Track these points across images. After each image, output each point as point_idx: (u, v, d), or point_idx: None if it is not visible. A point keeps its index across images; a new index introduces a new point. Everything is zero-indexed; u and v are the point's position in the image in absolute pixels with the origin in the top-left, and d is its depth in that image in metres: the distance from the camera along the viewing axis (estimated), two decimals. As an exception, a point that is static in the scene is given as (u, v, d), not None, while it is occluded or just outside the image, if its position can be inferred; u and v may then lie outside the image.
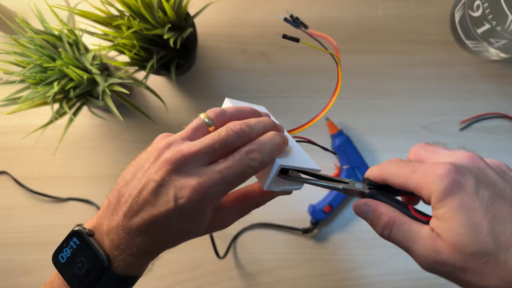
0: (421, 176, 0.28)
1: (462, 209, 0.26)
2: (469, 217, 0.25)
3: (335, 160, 0.60)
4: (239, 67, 0.62)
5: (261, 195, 0.35)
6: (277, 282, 0.58)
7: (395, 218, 0.29)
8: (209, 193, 0.28)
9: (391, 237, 0.29)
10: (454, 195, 0.26)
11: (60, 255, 0.31)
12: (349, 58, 0.61)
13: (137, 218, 0.29)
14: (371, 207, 0.31)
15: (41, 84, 0.47)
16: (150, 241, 0.30)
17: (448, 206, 0.26)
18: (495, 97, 0.60)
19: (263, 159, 0.30)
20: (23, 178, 0.62)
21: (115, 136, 0.62)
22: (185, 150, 0.29)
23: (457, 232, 0.25)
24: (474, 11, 0.53)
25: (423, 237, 0.27)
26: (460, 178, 0.26)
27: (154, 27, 0.49)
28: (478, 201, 0.26)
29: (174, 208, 0.28)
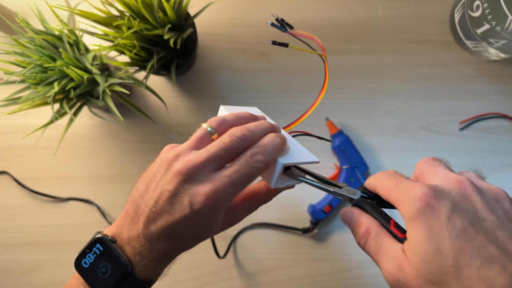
0: (400, 192, 0.28)
1: (431, 235, 0.25)
2: (435, 244, 0.25)
3: (335, 160, 0.61)
4: (239, 67, 0.62)
5: (268, 193, 0.38)
6: (277, 282, 0.58)
7: (372, 229, 0.30)
8: (221, 197, 0.30)
9: (365, 247, 0.30)
10: (424, 220, 0.26)
11: (83, 260, 0.33)
12: (349, 58, 0.62)
13: (156, 226, 0.31)
14: (354, 215, 0.32)
15: (42, 84, 0.47)
16: (170, 246, 0.32)
17: (417, 229, 0.26)
18: (495, 97, 0.60)
19: (267, 160, 0.32)
20: (23, 178, 0.62)
21: (115, 136, 0.62)
22: (194, 160, 0.31)
23: (422, 258, 0.25)
24: (473, 11, 0.53)
25: (392, 255, 0.27)
26: (434, 203, 0.26)
27: (154, 27, 0.49)
28: (448, 230, 0.25)
29: (190, 214, 0.30)
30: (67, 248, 0.60)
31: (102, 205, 0.61)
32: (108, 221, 0.60)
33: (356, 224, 0.31)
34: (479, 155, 0.60)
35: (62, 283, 0.62)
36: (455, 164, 0.63)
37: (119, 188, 0.61)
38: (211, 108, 0.62)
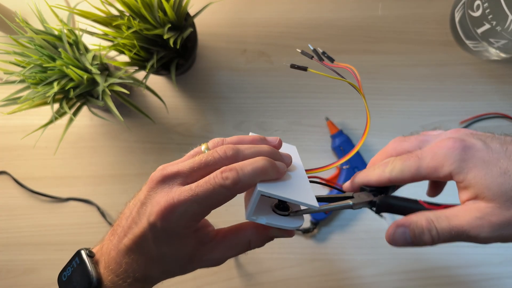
0: (430, 158, 0.28)
1: (487, 164, 0.26)
2: (497, 167, 0.26)
3: (335, 160, 0.60)
4: (239, 67, 0.62)
5: (253, 230, 0.33)
6: (277, 282, 0.58)
7: (429, 216, 0.28)
8: (177, 211, 0.28)
9: (440, 234, 0.27)
10: (472, 158, 0.27)
11: (63, 274, 0.33)
12: (349, 58, 0.62)
13: (126, 239, 0.30)
14: (404, 224, 0.29)
15: (41, 84, 0.47)
16: (135, 264, 0.30)
17: (473, 169, 0.26)
18: (495, 97, 0.60)
19: (239, 179, 0.28)
20: (23, 178, 0.62)
21: (115, 136, 0.62)
22: (166, 170, 0.30)
23: (497, 184, 0.26)
24: (474, 11, 0.53)
25: (464, 212, 0.27)
26: (466, 143, 0.27)
27: (154, 27, 0.49)
28: (495, 153, 0.26)
29: (147, 226, 0.29)
30: (67, 248, 0.60)
31: (102, 205, 0.61)
32: (108, 221, 0.60)
33: (413, 228, 0.28)
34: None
35: (62, 283, 0.61)
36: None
37: (119, 188, 0.61)
38: (211, 108, 0.62)
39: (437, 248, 0.28)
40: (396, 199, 0.31)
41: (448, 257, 0.57)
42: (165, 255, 0.30)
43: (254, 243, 0.33)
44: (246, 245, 0.33)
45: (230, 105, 0.62)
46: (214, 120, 0.61)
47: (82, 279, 0.31)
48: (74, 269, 0.32)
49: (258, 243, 0.33)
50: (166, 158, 0.61)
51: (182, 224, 0.29)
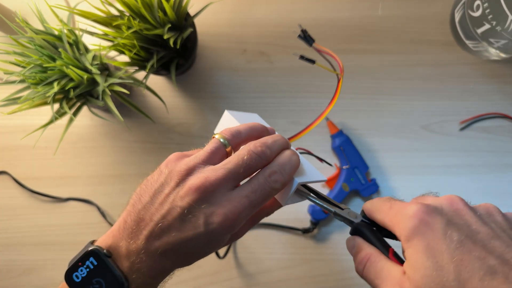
0: (394, 213, 0.28)
1: (428, 251, 0.25)
2: (435, 260, 0.24)
3: (335, 160, 0.60)
4: (239, 67, 0.62)
5: (271, 206, 0.37)
6: (277, 282, 0.58)
7: (371, 255, 0.29)
8: (239, 218, 0.29)
9: (364, 273, 0.29)
10: (420, 236, 0.25)
11: (74, 274, 0.31)
12: (349, 58, 0.61)
13: (160, 242, 0.29)
14: (356, 242, 0.31)
15: (41, 84, 0.47)
16: (171, 263, 0.30)
17: (414, 247, 0.25)
18: (495, 97, 0.60)
19: (285, 180, 0.31)
20: (23, 178, 0.62)
21: (115, 136, 0.62)
22: (212, 177, 0.29)
23: (423, 274, 0.24)
24: (474, 11, 0.53)
25: (393, 277, 0.27)
26: (428, 219, 0.26)
27: (154, 27, 0.49)
28: (445, 244, 0.25)
29: (203, 233, 0.29)
30: (67, 248, 0.60)
31: (102, 205, 0.61)
32: (108, 221, 0.60)
33: (356, 251, 0.30)
34: (479, 155, 0.60)
35: (62, 283, 0.61)
36: (455, 164, 0.64)
37: (119, 188, 0.61)
38: (211, 108, 0.62)
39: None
40: (373, 234, 0.31)
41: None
42: (210, 250, 0.31)
43: (270, 213, 0.38)
44: (264, 216, 0.37)
45: (230, 105, 0.62)
46: (214, 120, 0.61)
47: (107, 281, 0.30)
48: (91, 270, 0.30)
49: (273, 212, 0.38)
50: (166, 158, 0.61)
51: (239, 227, 0.30)
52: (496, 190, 0.59)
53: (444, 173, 0.60)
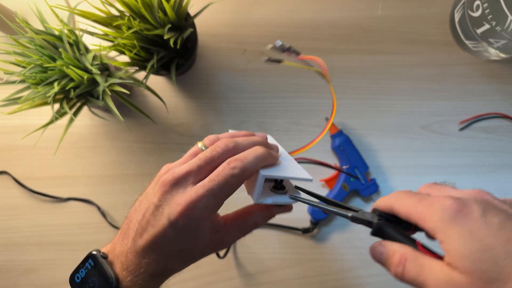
0: (426, 206, 0.27)
1: (473, 235, 0.24)
2: (481, 242, 0.24)
3: (335, 160, 0.60)
4: (239, 67, 0.62)
5: (259, 212, 0.37)
6: (277, 282, 0.58)
7: (407, 254, 0.28)
8: (197, 207, 0.30)
9: (405, 275, 0.27)
10: (460, 225, 0.25)
11: (76, 275, 0.33)
12: (349, 58, 0.62)
13: (142, 240, 0.31)
14: (386, 247, 0.29)
15: (42, 84, 0.47)
16: (155, 263, 0.32)
17: (456, 235, 0.25)
18: (495, 97, 0.60)
19: (245, 166, 0.31)
20: (23, 178, 0.62)
21: (115, 136, 0.62)
22: (176, 172, 0.32)
23: (473, 259, 0.24)
24: (473, 11, 0.53)
25: (438, 271, 0.26)
26: (465, 209, 0.26)
27: (154, 27, 0.49)
28: (487, 228, 0.24)
29: (168, 225, 0.31)
30: (67, 248, 0.60)
31: (102, 205, 0.61)
32: (108, 221, 0.60)
33: (389, 255, 0.29)
34: (479, 155, 0.60)
35: (62, 283, 0.62)
36: (455, 164, 0.64)
37: (119, 188, 0.61)
38: (211, 108, 0.62)
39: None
40: (397, 230, 0.30)
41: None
42: (185, 249, 0.32)
43: (260, 222, 0.37)
44: (253, 225, 0.37)
45: (230, 105, 0.62)
46: (214, 120, 0.61)
47: (99, 280, 0.32)
48: (88, 271, 0.33)
49: (263, 222, 0.37)
50: (166, 158, 0.61)
51: (202, 218, 0.31)
52: (496, 190, 0.59)
53: (443, 173, 0.60)
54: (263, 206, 0.37)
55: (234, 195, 0.33)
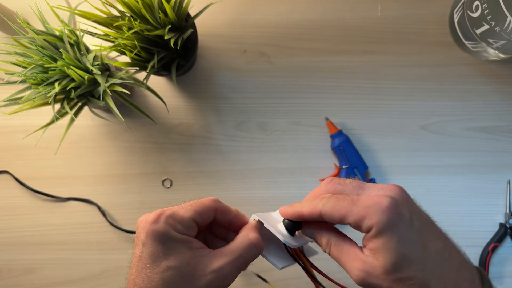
0: (363, 207, 0.30)
1: (401, 240, 0.29)
2: (406, 247, 0.29)
3: (334, 160, 0.61)
4: (239, 67, 0.62)
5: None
6: (277, 281, 0.58)
7: (331, 238, 0.34)
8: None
9: (331, 255, 0.34)
10: (395, 227, 0.29)
11: None
12: (349, 58, 0.62)
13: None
14: (314, 228, 0.35)
15: (42, 84, 0.47)
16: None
17: (389, 236, 0.29)
18: (494, 97, 0.60)
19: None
20: (24, 178, 0.62)
21: (116, 136, 0.62)
22: None
23: (394, 259, 0.29)
24: (473, 12, 0.53)
25: (358, 258, 0.31)
26: (399, 211, 0.29)
27: (154, 27, 0.50)
28: (413, 232, 0.30)
29: (140, 249, 0.34)
30: (68, 247, 0.61)
31: (103, 205, 0.61)
32: (108, 220, 0.60)
33: (317, 237, 0.34)
34: (478, 155, 0.60)
35: (63, 283, 0.62)
36: (454, 164, 0.64)
37: (120, 188, 0.61)
38: (211, 108, 0.62)
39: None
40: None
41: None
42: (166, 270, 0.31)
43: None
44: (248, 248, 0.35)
45: (231, 105, 0.62)
46: (215, 120, 0.62)
47: None
48: None
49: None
50: (166, 158, 0.61)
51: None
52: (495, 190, 0.60)
53: (443, 173, 0.60)
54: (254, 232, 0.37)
55: (235, 195, 0.33)
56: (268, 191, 0.60)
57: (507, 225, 0.58)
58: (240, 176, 0.61)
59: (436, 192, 0.60)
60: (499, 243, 0.58)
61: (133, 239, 0.61)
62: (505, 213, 0.59)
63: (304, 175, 0.61)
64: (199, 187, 0.61)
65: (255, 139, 0.61)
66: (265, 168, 0.61)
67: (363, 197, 0.31)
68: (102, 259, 0.60)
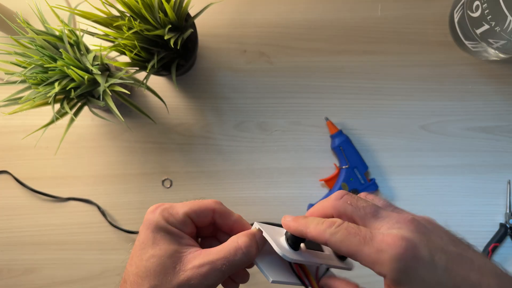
0: (375, 251, 0.27)
1: (426, 285, 0.26)
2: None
3: (334, 160, 0.61)
4: (239, 67, 0.62)
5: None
6: (277, 281, 0.58)
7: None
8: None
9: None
10: (414, 274, 0.26)
11: None
12: (349, 59, 0.62)
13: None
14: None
15: (42, 84, 0.47)
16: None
17: (409, 286, 0.26)
18: (494, 97, 0.60)
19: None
20: (24, 178, 0.62)
21: (116, 136, 0.62)
22: None
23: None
24: (473, 12, 0.53)
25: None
26: (417, 253, 0.26)
27: (154, 27, 0.50)
28: (438, 274, 0.26)
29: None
30: (68, 247, 0.61)
31: (103, 205, 0.61)
32: (108, 220, 0.60)
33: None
34: (478, 155, 0.60)
35: (63, 283, 0.62)
36: (454, 164, 0.64)
37: (120, 188, 0.61)
38: (211, 108, 0.62)
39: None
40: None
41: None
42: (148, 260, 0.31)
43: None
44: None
45: (231, 105, 0.62)
46: (215, 120, 0.62)
47: None
48: None
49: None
50: (166, 158, 0.61)
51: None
52: (495, 190, 0.60)
53: (443, 173, 0.60)
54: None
55: (235, 195, 0.32)
56: (268, 191, 0.60)
57: (507, 225, 0.58)
58: (240, 176, 0.61)
59: (436, 192, 0.60)
60: (499, 243, 0.58)
61: (132, 239, 0.61)
62: (505, 213, 0.59)
63: (304, 175, 0.61)
64: (199, 187, 0.61)
65: (255, 139, 0.61)
66: (265, 168, 0.61)
67: (376, 237, 0.27)
68: (102, 259, 0.60)
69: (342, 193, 0.31)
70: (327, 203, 0.31)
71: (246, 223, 0.36)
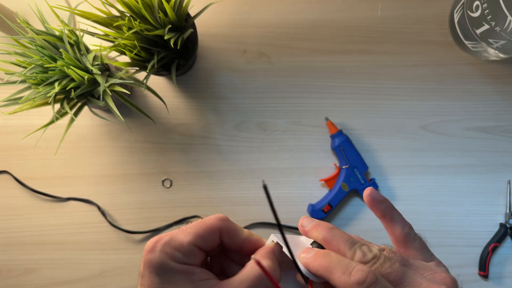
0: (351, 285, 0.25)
1: None
2: None
3: (334, 160, 0.61)
4: (239, 67, 0.62)
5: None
6: None
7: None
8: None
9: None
10: None
11: None
12: (349, 58, 0.62)
13: None
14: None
15: (42, 84, 0.47)
16: None
17: None
18: (494, 97, 0.60)
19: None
20: (24, 178, 0.62)
21: (116, 136, 0.62)
22: None
23: None
24: (473, 12, 0.53)
25: None
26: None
27: (154, 27, 0.50)
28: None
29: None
30: (68, 247, 0.61)
31: (102, 205, 0.61)
32: (108, 220, 0.60)
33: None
34: (478, 155, 0.60)
35: (63, 283, 0.62)
36: (454, 164, 0.64)
37: (120, 188, 0.61)
38: (211, 108, 0.62)
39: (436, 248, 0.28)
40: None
41: (448, 256, 0.58)
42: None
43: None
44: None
45: (231, 105, 0.62)
46: (215, 120, 0.62)
47: None
48: None
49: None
50: (166, 158, 0.61)
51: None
52: (495, 190, 0.60)
53: (443, 173, 0.60)
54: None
55: (235, 195, 0.31)
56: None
57: (507, 225, 0.58)
58: (240, 176, 0.61)
59: (436, 192, 0.60)
60: (499, 243, 0.58)
61: (133, 239, 0.61)
62: (505, 213, 0.59)
63: (304, 175, 0.61)
64: (199, 187, 0.61)
65: (255, 139, 0.61)
66: (265, 168, 0.61)
67: (348, 277, 0.25)
68: (102, 259, 0.60)
69: (325, 225, 0.29)
70: (319, 231, 0.29)
71: (259, 239, 0.32)
